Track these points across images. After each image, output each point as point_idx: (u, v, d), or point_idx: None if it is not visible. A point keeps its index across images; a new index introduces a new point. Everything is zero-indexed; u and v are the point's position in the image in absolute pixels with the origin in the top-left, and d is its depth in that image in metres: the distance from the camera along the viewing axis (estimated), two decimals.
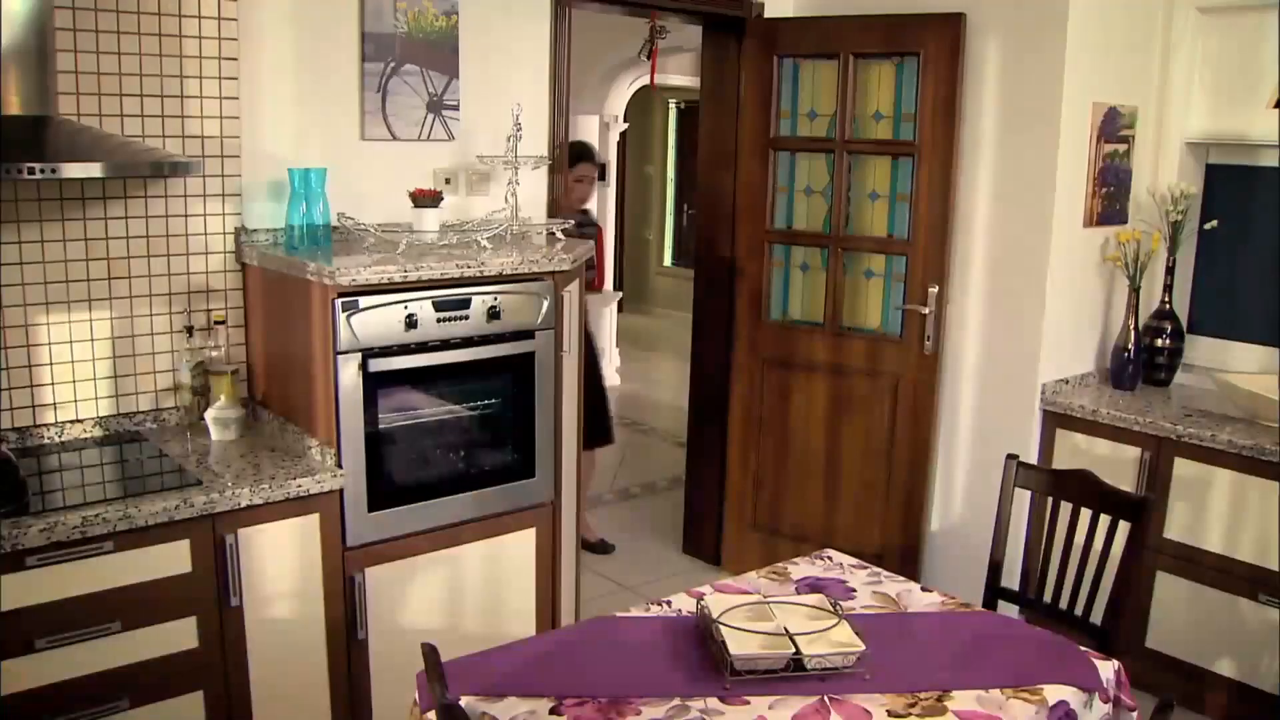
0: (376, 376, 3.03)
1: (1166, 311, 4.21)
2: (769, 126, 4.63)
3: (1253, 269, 4.22)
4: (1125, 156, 4.19)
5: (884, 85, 4.38)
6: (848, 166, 4.48)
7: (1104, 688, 2.30)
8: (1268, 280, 4.18)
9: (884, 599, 2.63)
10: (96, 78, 3.00)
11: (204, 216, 3.25)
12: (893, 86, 4.35)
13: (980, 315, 4.23)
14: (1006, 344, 4.17)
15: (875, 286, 4.52)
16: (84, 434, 3.14)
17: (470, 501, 3.29)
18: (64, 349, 3.08)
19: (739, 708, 2.11)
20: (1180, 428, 3.71)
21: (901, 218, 4.39)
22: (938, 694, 2.19)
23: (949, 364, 4.35)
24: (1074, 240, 4.08)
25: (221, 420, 3.16)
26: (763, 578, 2.75)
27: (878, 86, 4.40)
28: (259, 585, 2.89)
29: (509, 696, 2.13)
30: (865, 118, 4.44)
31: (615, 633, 2.44)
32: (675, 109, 11.69)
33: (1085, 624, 2.92)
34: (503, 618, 3.42)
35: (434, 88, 3.64)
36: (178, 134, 3.15)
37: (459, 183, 3.77)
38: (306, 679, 3.03)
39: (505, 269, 3.21)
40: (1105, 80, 4.04)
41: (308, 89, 3.41)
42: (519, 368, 3.34)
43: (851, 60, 4.38)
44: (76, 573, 2.58)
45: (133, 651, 2.69)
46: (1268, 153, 4.12)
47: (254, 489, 2.81)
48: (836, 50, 4.41)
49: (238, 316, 3.35)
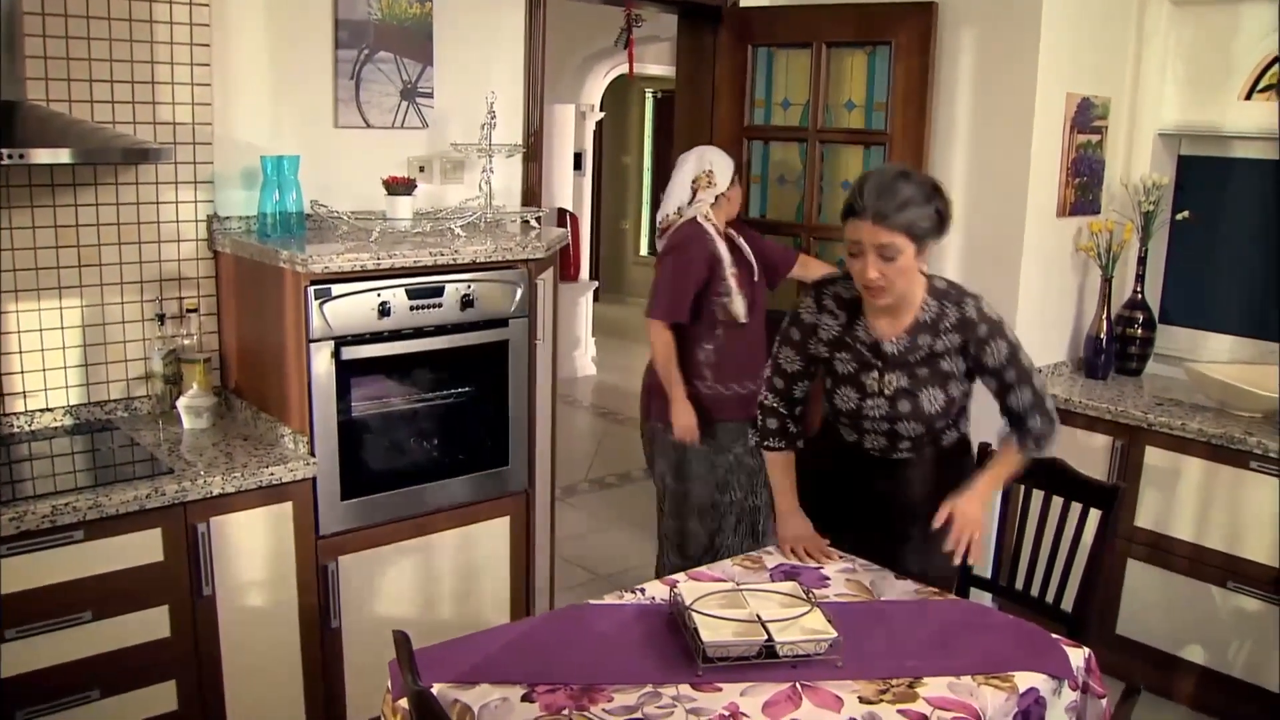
0: (349, 364, 3.03)
1: (1139, 301, 4.24)
2: (743, 115, 4.62)
3: (1224, 260, 4.25)
4: (1098, 147, 4.21)
5: (856, 74, 4.38)
6: (820, 156, 4.48)
7: (1074, 675, 2.32)
8: (1238, 271, 4.21)
9: (857, 587, 2.64)
10: (66, 63, 2.97)
11: (176, 204, 3.23)
12: (865, 76, 4.35)
13: None
14: None
15: None
16: (54, 423, 3.11)
17: (444, 490, 3.29)
18: (34, 337, 3.05)
19: (711, 694, 2.12)
20: (1151, 416, 3.74)
21: None
22: (909, 681, 2.20)
23: None
24: (1047, 230, 4.10)
25: (194, 409, 3.15)
26: (737, 565, 2.75)
27: (850, 76, 4.40)
28: (232, 574, 2.88)
29: (481, 684, 2.12)
30: (837, 107, 4.44)
31: (588, 620, 2.44)
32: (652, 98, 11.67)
33: (1056, 611, 2.94)
34: (477, 606, 3.42)
35: (408, 75, 3.63)
36: (149, 120, 3.13)
37: (433, 171, 3.76)
38: (280, 668, 3.03)
39: (479, 257, 3.20)
40: (1079, 71, 4.05)
41: (281, 76, 3.39)
42: (492, 356, 3.33)
43: (824, 49, 4.38)
44: (47, 562, 2.56)
45: (104, 641, 2.68)
46: (1239, 144, 4.15)
47: (226, 477, 2.80)
48: (810, 39, 4.40)
49: (210, 304, 3.33)
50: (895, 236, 2.44)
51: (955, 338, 2.59)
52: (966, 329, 2.58)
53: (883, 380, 2.64)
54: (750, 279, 3.75)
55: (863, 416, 2.70)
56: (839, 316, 2.68)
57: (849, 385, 2.69)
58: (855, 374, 2.68)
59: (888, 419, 2.66)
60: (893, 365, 2.63)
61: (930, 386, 2.63)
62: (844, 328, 2.68)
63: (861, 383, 2.67)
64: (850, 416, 2.72)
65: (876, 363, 2.65)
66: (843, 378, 2.70)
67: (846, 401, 2.71)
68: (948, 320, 2.59)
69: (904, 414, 2.64)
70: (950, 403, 2.65)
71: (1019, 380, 2.58)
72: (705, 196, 3.74)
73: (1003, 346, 2.58)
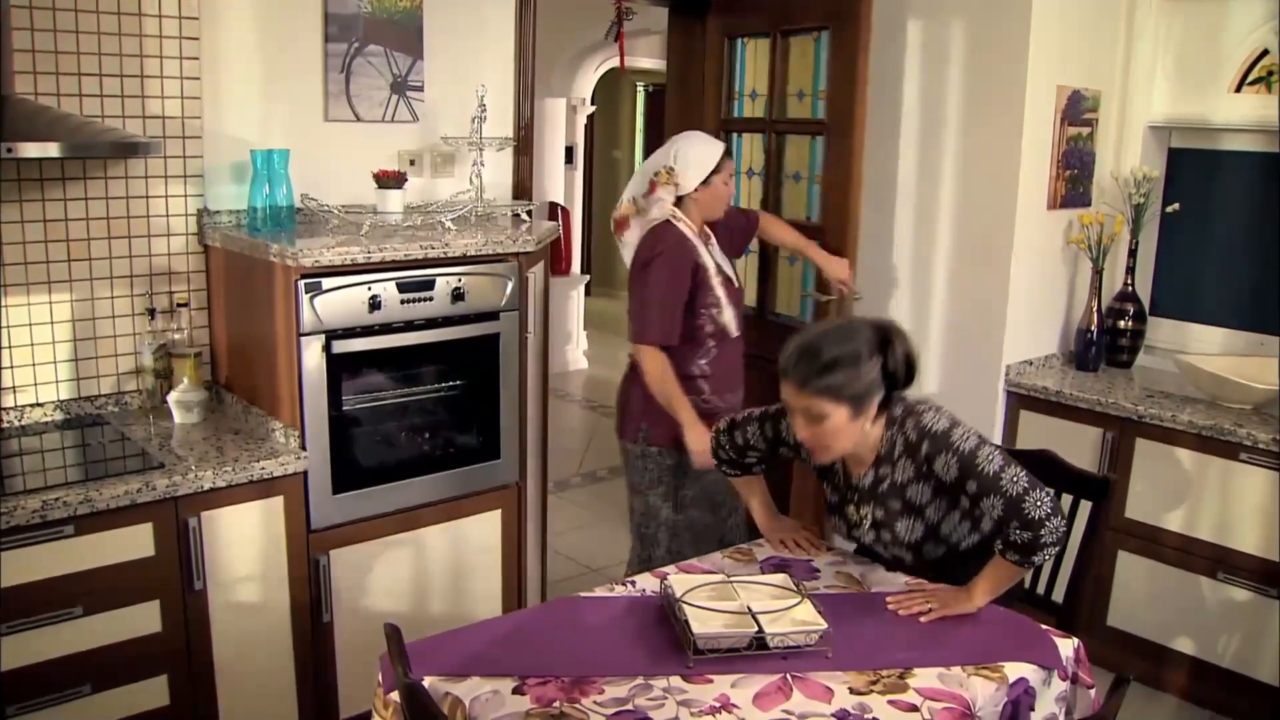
0: (340, 358, 3.02)
1: (1129, 294, 4.25)
2: (721, 108, 4.60)
3: (1214, 252, 4.26)
4: (1088, 140, 4.21)
5: (806, 61, 4.29)
6: (776, 147, 4.42)
7: (1063, 665, 2.32)
8: (1229, 263, 4.22)
9: (847, 579, 2.64)
10: (54, 56, 2.96)
11: (165, 198, 3.22)
12: (812, 63, 4.26)
13: (944, 297, 4.25)
14: (971, 326, 4.19)
15: (796, 274, 4.45)
16: (44, 417, 3.11)
17: (435, 483, 3.28)
18: (23, 331, 3.05)
19: (702, 686, 2.12)
20: (1142, 408, 3.75)
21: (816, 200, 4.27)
22: (899, 671, 2.20)
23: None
24: (1037, 223, 4.11)
25: (184, 403, 3.14)
26: (727, 558, 2.76)
27: (800, 63, 4.32)
28: (223, 568, 2.88)
29: (472, 676, 2.13)
30: (792, 96, 4.37)
31: (579, 613, 2.44)
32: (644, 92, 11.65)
33: (1047, 602, 2.96)
34: (468, 600, 3.43)
35: (398, 69, 3.62)
36: (138, 114, 3.12)
37: (423, 164, 3.75)
38: (271, 662, 3.03)
39: (469, 250, 3.20)
40: (1069, 64, 4.06)
41: (270, 69, 3.38)
42: (483, 349, 3.33)
43: (779, 38, 4.31)
44: (37, 557, 2.56)
45: (95, 636, 2.68)
46: (1229, 137, 4.16)
47: (217, 472, 2.79)
48: (771, 28, 4.34)
49: (200, 299, 3.33)
50: (818, 401, 2.38)
51: (908, 465, 2.51)
52: (913, 453, 2.49)
53: (859, 512, 2.63)
54: (733, 286, 3.51)
55: (859, 544, 2.73)
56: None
57: (836, 515, 2.71)
58: (839, 505, 2.69)
59: (880, 544, 2.65)
60: (865, 499, 2.61)
61: (905, 517, 2.55)
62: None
63: (845, 513, 2.68)
64: (850, 542, 2.77)
65: (852, 496, 2.64)
66: (831, 507, 2.72)
67: (839, 530, 2.73)
68: (898, 449, 2.51)
69: (887, 542, 2.62)
70: (933, 528, 2.55)
71: (982, 491, 2.39)
72: (664, 195, 3.37)
73: (951, 461, 2.42)
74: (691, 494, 3.49)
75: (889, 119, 4.32)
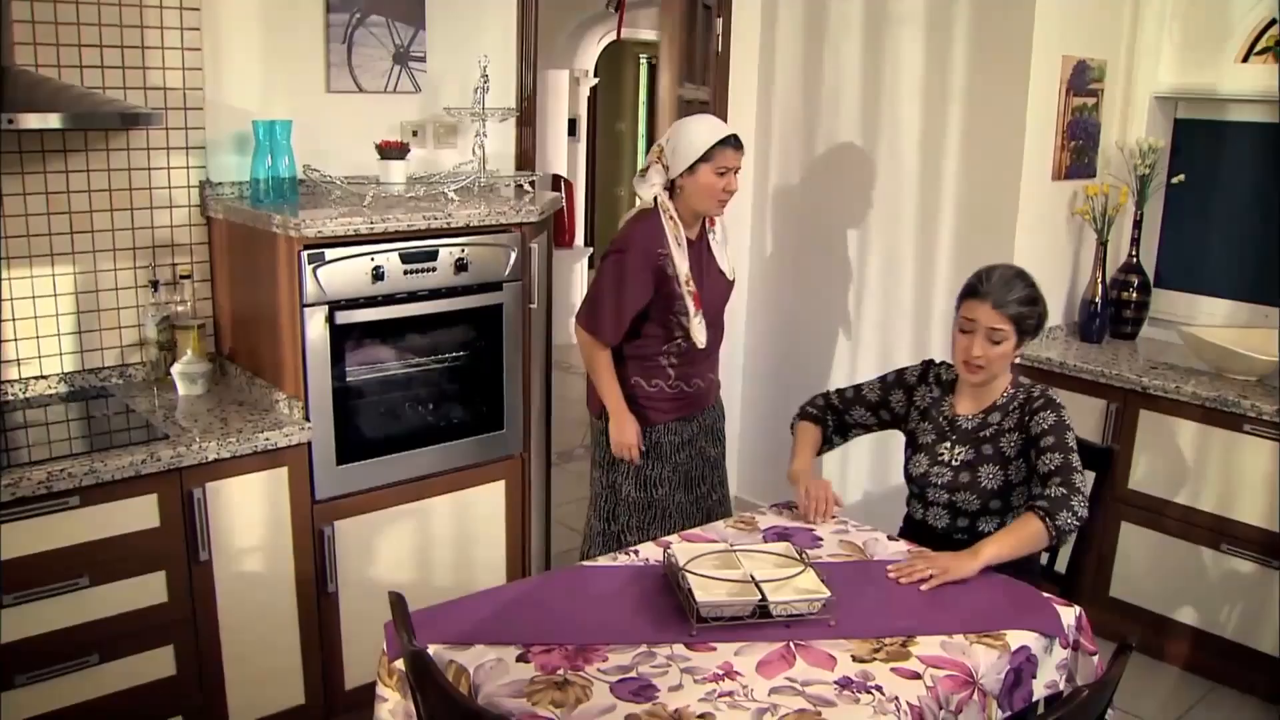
0: (343, 329, 3.03)
1: (1133, 265, 4.23)
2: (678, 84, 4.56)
3: (1219, 223, 4.25)
4: (1094, 110, 4.19)
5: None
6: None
7: (1065, 633, 2.33)
8: (1234, 234, 4.21)
9: (851, 547, 2.65)
10: (55, 27, 2.95)
11: (167, 169, 3.22)
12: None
13: (948, 268, 4.24)
14: None
15: None
16: (49, 390, 3.11)
17: (439, 454, 3.29)
18: (27, 304, 3.05)
19: (705, 653, 2.13)
20: (1146, 380, 3.74)
21: None
22: (902, 639, 2.21)
23: (918, 315, 4.36)
24: (1042, 193, 4.09)
25: (188, 375, 3.15)
26: (730, 527, 2.76)
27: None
28: (228, 539, 2.89)
29: (476, 644, 2.14)
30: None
31: (582, 582, 2.45)
32: (647, 64, 11.59)
33: (1050, 572, 2.96)
34: (472, 570, 3.44)
35: (400, 39, 3.60)
36: (139, 85, 3.11)
37: (426, 135, 3.74)
38: (277, 632, 3.04)
39: (472, 220, 3.19)
40: (1075, 33, 4.03)
41: (272, 40, 3.36)
42: (487, 320, 3.33)
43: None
44: (43, 528, 2.57)
45: (101, 607, 2.69)
46: (1235, 107, 4.14)
47: (221, 443, 2.80)
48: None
49: (203, 270, 3.33)
50: (1007, 324, 2.68)
51: (1016, 415, 2.75)
52: (1024, 407, 2.75)
53: (952, 451, 2.80)
54: (719, 292, 3.30)
55: (928, 484, 2.82)
56: (935, 391, 2.91)
57: (923, 453, 2.86)
58: (932, 444, 2.85)
59: (948, 488, 2.78)
60: (963, 439, 2.80)
61: (990, 464, 2.75)
62: (934, 401, 2.89)
63: (935, 452, 2.83)
64: (918, 483, 2.87)
65: (951, 435, 2.82)
66: (920, 446, 2.88)
67: (917, 466, 2.86)
68: (1016, 401, 2.77)
69: (963, 484, 2.76)
70: (1008, 486, 2.75)
71: (1054, 447, 2.64)
72: (654, 177, 3.14)
73: (1050, 416, 2.69)
74: (659, 473, 3.33)
75: (892, 89, 4.29)
